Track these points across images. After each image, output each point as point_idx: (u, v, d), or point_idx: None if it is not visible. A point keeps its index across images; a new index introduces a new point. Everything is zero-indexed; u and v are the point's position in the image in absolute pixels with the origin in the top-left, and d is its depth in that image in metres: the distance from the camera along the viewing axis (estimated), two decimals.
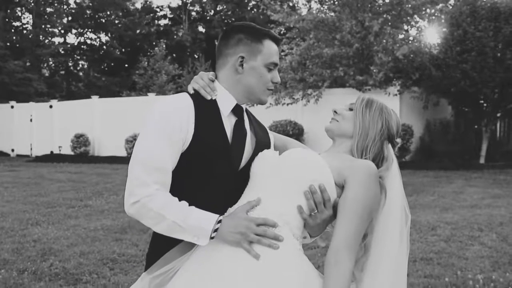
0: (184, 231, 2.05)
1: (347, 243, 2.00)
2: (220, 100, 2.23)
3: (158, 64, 28.56)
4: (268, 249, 2.00)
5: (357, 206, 2.04)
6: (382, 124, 2.24)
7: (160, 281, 2.12)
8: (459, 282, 5.33)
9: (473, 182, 12.70)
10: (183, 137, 2.11)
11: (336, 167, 2.10)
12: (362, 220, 2.04)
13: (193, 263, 2.10)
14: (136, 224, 8.18)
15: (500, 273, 5.66)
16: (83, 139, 21.48)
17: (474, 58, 14.84)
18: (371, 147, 2.22)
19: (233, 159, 2.21)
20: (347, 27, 17.01)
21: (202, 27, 44.20)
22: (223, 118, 2.22)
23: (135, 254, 6.48)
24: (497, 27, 14.91)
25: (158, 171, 2.06)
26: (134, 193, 2.05)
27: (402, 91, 16.98)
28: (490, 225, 7.88)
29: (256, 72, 2.21)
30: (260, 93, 2.26)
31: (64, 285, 5.37)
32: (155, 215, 2.04)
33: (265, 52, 2.22)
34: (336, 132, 2.29)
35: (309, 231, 2.18)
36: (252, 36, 2.22)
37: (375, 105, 2.27)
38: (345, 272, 1.97)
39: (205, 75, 2.28)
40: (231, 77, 2.24)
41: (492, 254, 6.41)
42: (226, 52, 2.23)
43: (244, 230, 2.01)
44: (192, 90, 2.24)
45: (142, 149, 2.09)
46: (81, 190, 12.35)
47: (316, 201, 2.06)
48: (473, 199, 10.22)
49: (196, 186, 2.17)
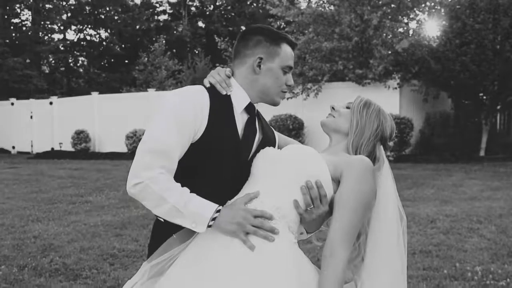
0: (183, 216, 2.09)
1: (342, 236, 2.04)
2: (234, 97, 2.29)
3: (157, 60, 28.52)
4: (264, 241, 2.04)
5: (353, 199, 2.08)
6: (378, 125, 2.30)
7: (158, 270, 2.16)
8: (458, 274, 5.35)
9: (473, 175, 12.71)
10: (196, 128, 2.16)
11: (332, 162, 2.15)
12: (357, 214, 2.08)
13: (190, 254, 2.13)
14: (136, 220, 8.21)
15: (498, 264, 5.68)
16: (83, 136, 21.50)
17: (473, 50, 14.83)
18: (365, 145, 2.27)
19: (242, 155, 2.27)
20: (346, 20, 16.98)
21: (202, 22, 44.11)
22: (236, 114, 2.27)
23: (135, 250, 6.50)
24: (496, 19, 14.89)
25: (165, 156, 2.10)
26: (138, 175, 2.09)
27: (402, 84, 16.97)
28: (489, 217, 7.89)
29: (272, 73, 2.29)
30: (275, 95, 2.34)
31: (64, 280, 5.39)
32: (157, 197, 2.07)
33: (283, 55, 2.29)
34: (331, 127, 2.35)
35: (306, 227, 2.22)
36: (271, 39, 2.29)
37: (372, 106, 2.34)
38: (339, 265, 2.01)
39: (222, 70, 2.33)
40: (248, 76, 2.30)
41: (491, 246, 6.42)
42: (245, 52, 2.30)
43: (241, 220, 2.05)
44: (208, 83, 2.29)
45: (153, 134, 2.13)
46: (82, 186, 12.37)
47: (312, 196, 2.09)
48: (473, 192, 10.23)
49: (201, 176, 2.22)
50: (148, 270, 2.16)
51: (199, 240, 2.15)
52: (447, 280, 5.20)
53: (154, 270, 2.16)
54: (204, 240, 2.13)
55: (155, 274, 2.16)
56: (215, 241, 2.10)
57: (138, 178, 2.09)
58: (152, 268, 2.16)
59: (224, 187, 2.22)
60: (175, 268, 2.13)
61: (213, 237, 2.11)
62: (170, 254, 2.18)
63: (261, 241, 2.04)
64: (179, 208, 2.07)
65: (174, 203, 2.07)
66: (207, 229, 2.11)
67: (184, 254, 2.15)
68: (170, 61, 29.10)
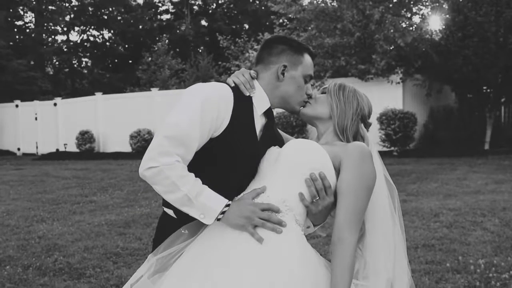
0: (193, 206, 2.12)
1: (347, 222, 2.09)
2: (256, 99, 2.34)
3: (161, 59, 28.57)
4: (272, 234, 2.08)
5: (354, 185, 2.12)
6: (357, 104, 2.38)
7: (165, 263, 2.19)
8: (460, 268, 5.35)
9: (477, 168, 12.68)
10: (218, 125, 2.20)
11: (331, 151, 2.19)
12: (360, 199, 2.13)
13: (198, 247, 2.18)
14: (139, 219, 8.24)
15: (502, 257, 5.67)
16: (88, 136, 21.55)
17: (476, 43, 14.77)
18: (350, 126, 2.34)
19: (257, 157, 2.32)
20: (348, 16, 16.96)
21: (205, 21, 44.14)
22: (255, 116, 2.32)
23: (139, 248, 6.52)
24: (499, 11, 14.82)
25: (184, 146, 2.13)
26: (155, 159, 2.10)
27: (405, 79, 16.94)
28: (493, 211, 7.88)
29: (295, 81, 2.36)
30: (295, 103, 2.40)
31: (68, 279, 5.42)
32: (170, 183, 2.09)
33: (305, 64, 2.39)
34: (311, 115, 2.41)
35: (312, 220, 2.27)
36: (295, 48, 2.37)
37: (348, 87, 2.41)
38: (348, 249, 2.06)
39: (246, 72, 2.37)
40: (271, 82, 2.36)
41: (494, 239, 6.41)
42: (269, 59, 2.37)
43: (249, 214, 2.10)
44: (233, 83, 2.32)
45: (176, 122, 2.14)
46: (86, 186, 12.41)
47: (317, 188, 2.14)
48: (477, 185, 10.21)
49: (212, 171, 2.26)
50: (155, 263, 2.19)
51: (207, 233, 2.20)
52: (449, 273, 5.19)
53: (160, 263, 2.19)
54: (213, 233, 2.18)
55: (161, 267, 2.19)
56: (223, 234, 2.15)
57: (154, 162, 2.09)
58: (159, 261, 2.20)
59: (233, 184, 2.27)
60: (183, 260, 2.16)
61: (222, 230, 2.16)
62: (177, 248, 2.21)
63: (269, 234, 2.08)
64: (191, 197, 2.10)
65: (186, 192, 2.09)
66: (215, 223, 2.15)
67: (192, 247, 2.20)
68: (173, 60, 29.16)
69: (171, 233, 2.26)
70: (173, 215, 2.34)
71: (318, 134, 2.43)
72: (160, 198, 9.97)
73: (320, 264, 2.14)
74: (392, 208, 2.32)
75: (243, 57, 20.10)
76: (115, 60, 41.83)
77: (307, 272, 2.05)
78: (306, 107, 2.43)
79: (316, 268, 2.11)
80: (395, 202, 2.36)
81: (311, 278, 2.05)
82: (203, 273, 2.05)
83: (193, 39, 41.01)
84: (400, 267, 2.32)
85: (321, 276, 2.09)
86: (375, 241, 2.26)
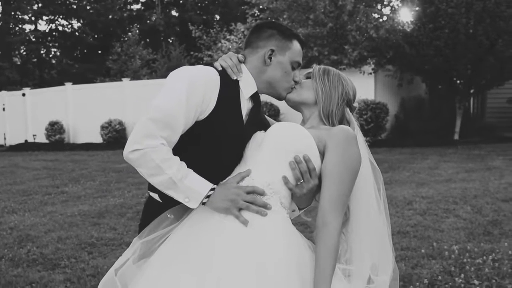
0: (178, 189, 2.10)
1: (332, 205, 2.08)
2: (242, 83, 2.31)
3: (131, 49, 28.22)
4: (257, 217, 2.07)
5: (339, 168, 2.11)
6: (342, 88, 2.36)
7: (150, 247, 2.17)
8: (435, 253, 5.42)
9: (448, 158, 12.86)
10: (204, 108, 2.18)
11: (316, 135, 2.18)
12: (345, 182, 2.12)
13: (183, 232, 2.16)
14: (113, 209, 8.15)
15: (475, 243, 5.77)
16: (57, 127, 21.22)
17: (447, 35, 14.94)
18: (336, 111, 2.33)
19: (244, 141, 2.30)
20: (321, 6, 16.96)
21: (175, 11, 43.70)
22: (242, 100, 2.30)
23: (114, 238, 6.46)
24: (469, 3, 14.98)
25: (170, 129, 2.10)
26: (139, 141, 2.07)
27: (377, 69, 17.06)
28: (464, 198, 8.00)
29: (282, 66, 2.33)
30: (282, 89, 2.37)
31: (43, 270, 5.33)
32: (155, 166, 2.06)
33: (293, 50, 2.35)
34: (297, 100, 2.39)
35: (297, 203, 2.26)
36: (284, 34, 2.35)
37: (332, 71, 2.39)
38: (333, 233, 2.05)
39: (234, 56, 2.35)
40: (258, 66, 2.33)
41: (467, 225, 6.51)
42: (258, 43, 2.35)
43: (234, 197, 2.09)
44: (220, 67, 2.30)
45: (161, 105, 2.11)
46: (57, 177, 12.22)
47: (302, 171, 2.12)
48: (448, 174, 10.36)
49: (200, 155, 2.23)
50: (140, 246, 2.17)
51: (192, 218, 2.18)
52: (425, 259, 5.26)
53: (145, 247, 2.17)
54: (198, 218, 2.16)
55: (146, 252, 2.17)
56: (209, 218, 2.13)
57: (139, 144, 2.06)
58: (144, 245, 2.17)
59: (219, 168, 2.25)
60: (167, 245, 2.14)
61: (207, 214, 2.14)
62: (161, 232, 2.19)
63: (254, 216, 2.08)
64: (176, 181, 2.08)
65: (171, 175, 2.07)
66: (200, 207, 2.14)
67: (177, 231, 2.18)
68: (144, 50, 28.83)
69: (157, 217, 2.24)
70: (159, 199, 2.32)
71: (304, 119, 2.40)
72: (133, 189, 9.93)
73: (305, 246, 2.14)
74: (377, 193, 2.33)
75: (215, 47, 19.99)
76: (84, 50, 41.15)
77: (292, 254, 2.05)
78: (291, 92, 2.40)
79: (301, 250, 2.10)
80: (380, 187, 2.36)
81: (296, 260, 2.04)
82: (188, 258, 2.03)
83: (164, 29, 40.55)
84: (384, 252, 2.33)
85: (306, 258, 2.08)
86: (360, 226, 2.26)
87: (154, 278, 2.05)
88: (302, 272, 2.03)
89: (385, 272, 2.28)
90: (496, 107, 19.10)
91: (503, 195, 8.11)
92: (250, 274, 1.94)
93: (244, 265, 1.96)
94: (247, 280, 1.94)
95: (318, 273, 2.01)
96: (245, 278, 1.94)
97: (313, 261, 2.07)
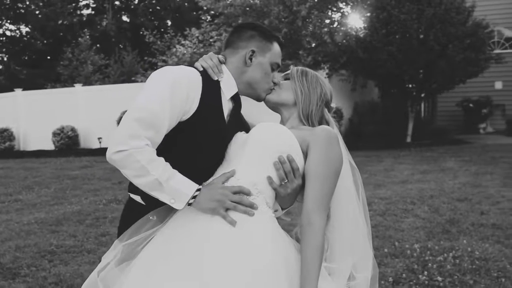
0: (163, 191, 2.07)
1: (316, 204, 2.09)
2: (223, 84, 2.30)
3: (83, 55, 27.75)
4: (244, 217, 2.07)
5: (322, 168, 2.13)
6: (320, 89, 2.38)
7: (132, 250, 2.14)
8: (398, 252, 5.53)
9: (402, 160, 13.14)
10: (187, 108, 2.16)
11: (298, 135, 2.19)
12: (328, 182, 2.13)
13: (168, 233, 2.13)
14: (71, 216, 7.98)
15: (435, 241, 5.91)
16: (7, 134, 20.61)
17: (399, 40, 15.27)
18: (316, 111, 2.35)
19: (225, 140, 2.29)
20: (275, 12, 17.10)
21: (127, 17, 43.23)
22: (223, 101, 2.29)
23: (74, 245, 6.32)
24: (420, 9, 15.38)
25: (154, 129, 2.07)
26: (124, 142, 2.03)
27: (331, 74, 17.29)
28: (421, 199, 8.19)
29: (262, 68, 2.34)
30: (261, 90, 2.37)
31: (2, 280, 5.18)
32: (140, 167, 2.03)
33: (274, 52, 2.37)
34: (276, 100, 2.40)
35: (280, 203, 2.26)
36: (265, 35, 2.37)
37: (310, 72, 2.42)
38: (318, 232, 2.06)
39: (214, 56, 2.33)
40: (238, 67, 2.33)
41: (426, 225, 6.67)
42: (238, 43, 2.35)
43: (220, 197, 2.07)
44: (201, 67, 2.29)
45: (145, 104, 2.08)
46: (9, 185, 11.87)
47: (286, 171, 2.13)
48: (404, 175, 10.58)
49: (182, 155, 2.21)
50: (121, 249, 2.13)
51: (177, 219, 2.15)
52: (388, 258, 5.36)
53: (128, 249, 2.13)
54: (183, 219, 2.13)
55: (127, 255, 2.13)
56: (195, 219, 2.11)
57: (123, 145, 2.02)
58: (125, 248, 2.13)
59: (201, 168, 2.23)
60: (151, 247, 2.11)
61: (192, 215, 2.12)
62: (144, 235, 2.16)
63: (241, 216, 2.07)
64: (161, 182, 2.05)
65: (157, 176, 2.04)
66: (185, 208, 2.12)
67: (162, 233, 2.14)
68: (96, 55, 28.39)
69: (138, 219, 2.20)
70: (141, 201, 2.28)
71: (283, 120, 2.41)
72: (90, 195, 9.75)
73: (291, 246, 2.15)
74: (356, 192, 2.36)
75: (169, 52, 19.86)
76: (33, 55, 40.19)
77: (280, 253, 2.05)
78: (270, 93, 2.41)
79: (288, 250, 2.11)
80: (358, 186, 2.39)
81: (284, 259, 2.05)
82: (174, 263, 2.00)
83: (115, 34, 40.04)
84: (364, 250, 2.36)
85: (293, 258, 2.09)
86: (341, 225, 2.28)
87: (139, 282, 2.01)
88: (290, 273, 2.03)
89: (367, 269, 2.31)
90: (447, 110, 19.62)
91: (458, 194, 8.34)
92: (239, 277, 1.93)
93: (233, 268, 1.95)
94: (236, 283, 1.93)
95: (305, 273, 2.02)
96: (234, 281, 1.93)
97: (299, 261, 2.07)
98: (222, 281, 1.92)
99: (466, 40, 15.37)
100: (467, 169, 11.02)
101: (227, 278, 1.93)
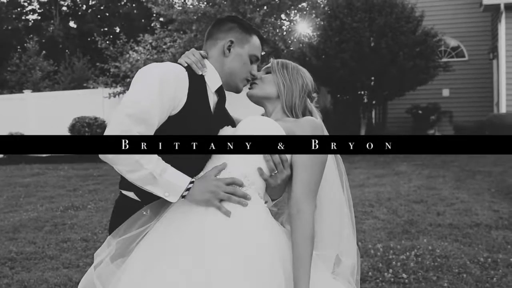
0: (157, 184, 2.08)
1: (305, 193, 2.15)
2: (208, 77, 2.34)
3: (31, 61, 27.11)
4: (238, 207, 2.10)
5: (309, 158, 2.20)
6: (302, 80, 2.44)
7: (126, 246, 2.13)
8: (362, 252, 5.65)
9: (357, 165, 13.38)
10: (176, 103, 2.18)
11: (285, 127, 2.25)
12: (315, 170, 2.20)
13: (163, 227, 2.14)
14: (28, 223, 7.80)
15: (396, 241, 6.07)
16: None
17: (352, 47, 15.56)
18: (299, 103, 2.41)
19: (212, 131, 2.33)
20: None
21: (74, 23, 42.46)
22: (209, 94, 2.33)
23: (35, 251, 6.19)
24: (372, 18, 15.72)
25: (145, 124, 2.08)
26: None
27: None
28: (379, 201, 8.38)
29: (241, 59, 2.39)
30: (239, 80, 2.42)
31: None
32: (134, 162, 2.04)
33: (252, 44, 2.43)
34: (259, 95, 2.45)
35: (270, 194, 2.32)
36: (244, 27, 2.43)
37: (290, 65, 2.47)
38: (308, 220, 2.12)
39: (196, 52, 2.37)
40: (218, 59, 2.39)
41: (386, 225, 6.83)
42: (218, 35, 2.40)
43: (214, 188, 2.10)
44: (185, 63, 2.32)
45: (135, 100, 2.09)
46: None
47: (275, 162, 2.17)
48: (360, 179, 10.79)
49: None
50: (115, 245, 2.12)
51: (172, 213, 2.17)
52: None
53: (122, 245, 2.13)
54: (178, 212, 2.15)
55: (123, 251, 2.13)
56: (190, 211, 2.13)
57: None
58: (120, 244, 2.13)
59: (189, 162, 2.25)
60: (147, 242, 2.11)
61: (187, 208, 2.14)
62: (138, 231, 2.16)
63: (235, 207, 2.10)
64: (155, 176, 2.06)
65: (151, 170, 2.05)
66: (179, 201, 2.14)
67: (157, 228, 2.15)
68: (45, 61, 27.78)
69: (130, 215, 2.21)
70: (135, 197, 2.29)
71: (267, 113, 2.46)
72: (46, 203, 9.54)
73: (283, 234, 2.20)
74: (340, 180, 2.43)
75: (122, 58, 19.65)
76: None
77: (275, 242, 2.10)
78: (253, 88, 2.45)
79: (282, 238, 2.16)
80: (342, 175, 2.47)
81: (279, 247, 2.10)
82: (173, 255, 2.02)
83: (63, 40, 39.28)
84: (347, 240, 2.43)
85: (285, 245, 2.14)
86: (325, 215, 2.35)
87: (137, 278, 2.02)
88: (283, 258, 2.09)
89: (352, 256, 2.39)
90: (397, 117, 20.08)
91: (414, 197, 8.57)
92: (237, 264, 1.97)
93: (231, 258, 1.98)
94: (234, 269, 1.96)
95: (297, 261, 2.07)
96: (233, 267, 1.96)
97: (291, 248, 2.12)
98: (222, 268, 1.95)
99: (416, 48, 15.79)
100: (420, 173, 11.32)
101: (226, 265, 1.96)
